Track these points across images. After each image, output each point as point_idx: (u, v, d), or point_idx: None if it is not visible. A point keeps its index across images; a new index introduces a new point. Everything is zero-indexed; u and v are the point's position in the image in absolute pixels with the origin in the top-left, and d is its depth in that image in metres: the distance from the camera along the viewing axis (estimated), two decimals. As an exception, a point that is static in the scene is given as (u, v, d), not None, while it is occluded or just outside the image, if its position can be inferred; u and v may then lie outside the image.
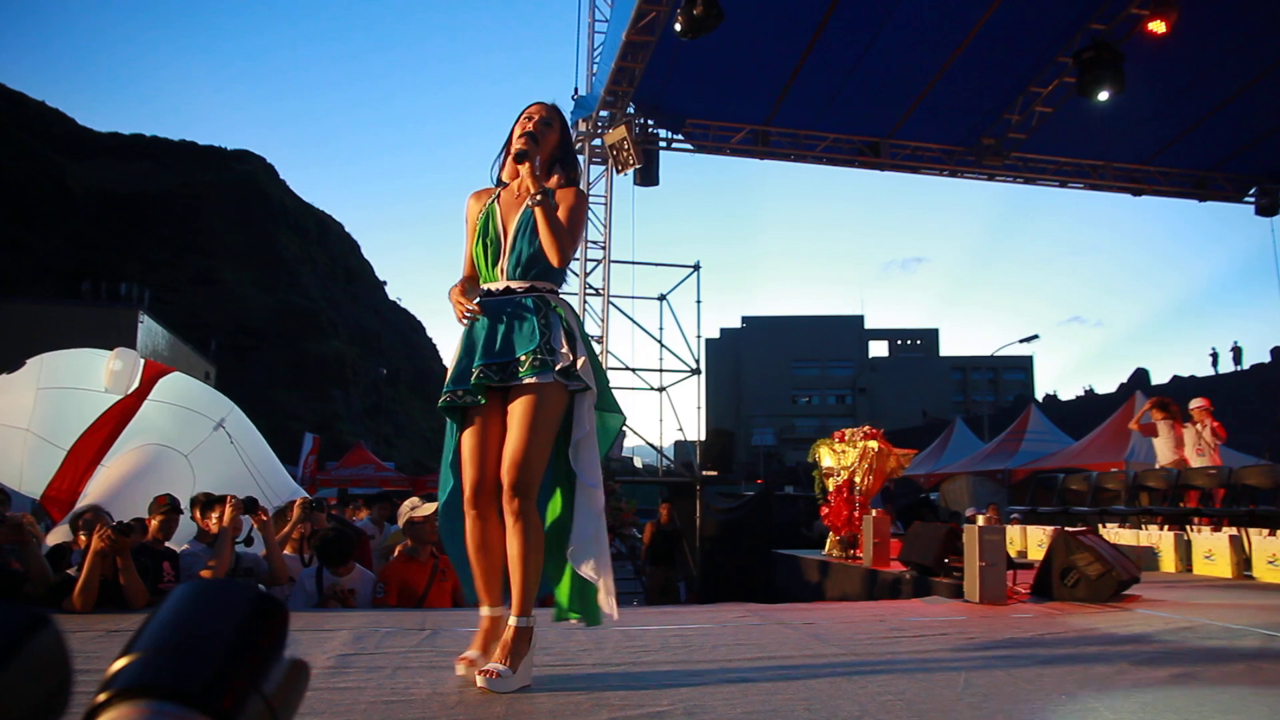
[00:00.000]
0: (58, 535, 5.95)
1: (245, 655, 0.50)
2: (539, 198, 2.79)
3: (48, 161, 64.26)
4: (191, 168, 74.52)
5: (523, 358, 2.70)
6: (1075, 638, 3.90)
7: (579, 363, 2.75)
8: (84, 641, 3.43)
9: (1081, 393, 55.53)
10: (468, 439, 2.79)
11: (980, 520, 5.30)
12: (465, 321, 2.81)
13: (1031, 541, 8.78)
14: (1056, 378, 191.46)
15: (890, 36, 11.47)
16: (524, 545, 2.68)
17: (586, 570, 2.75)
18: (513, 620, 2.71)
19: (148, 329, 33.55)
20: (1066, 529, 5.78)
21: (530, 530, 2.69)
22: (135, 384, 6.89)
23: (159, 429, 6.89)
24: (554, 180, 2.97)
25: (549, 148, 2.97)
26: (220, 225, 68.37)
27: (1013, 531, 8.83)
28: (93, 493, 6.44)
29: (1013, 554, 6.66)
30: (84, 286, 40.82)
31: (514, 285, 2.84)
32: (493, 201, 2.97)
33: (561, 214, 2.85)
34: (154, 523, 5.17)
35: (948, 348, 77.28)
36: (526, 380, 2.69)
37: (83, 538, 4.93)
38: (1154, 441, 9.53)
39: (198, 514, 5.66)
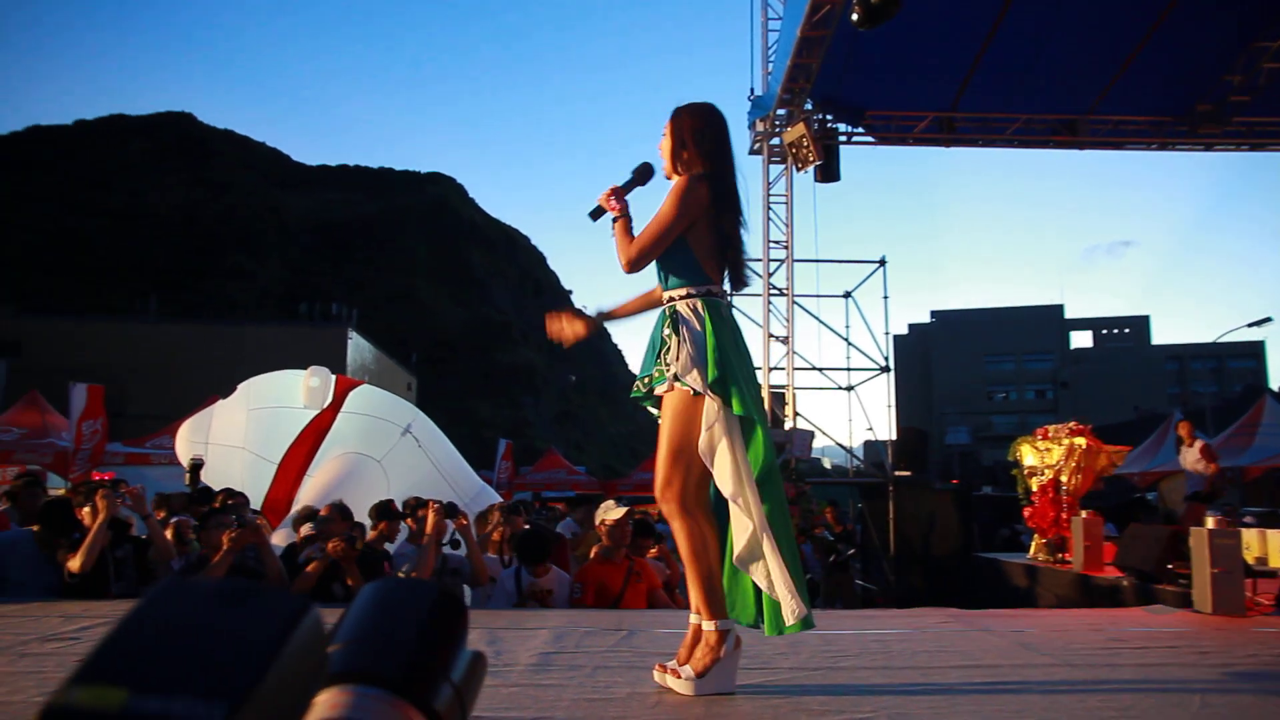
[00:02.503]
0: (279, 538, 6.51)
1: (434, 646, 0.54)
2: (612, 230, 2.89)
3: (269, 196, 70.52)
4: (390, 192, 79.71)
5: (654, 373, 2.79)
6: (1332, 654, 3.49)
7: (679, 365, 2.70)
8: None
9: (1326, 380, 49.88)
10: None
11: (1210, 522, 4.85)
12: None
13: (1273, 547, 7.95)
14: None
15: (1086, 2, 10.72)
16: (684, 546, 2.71)
17: (758, 578, 2.67)
18: (692, 619, 2.73)
19: (356, 345, 36.07)
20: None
21: (685, 532, 2.69)
22: (329, 398, 7.46)
23: (353, 438, 7.46)
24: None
25: (672, 151, 2.94)
26: (416, 245, 72.67)
27: (1249, 535, 8.04)
28: (303, 499, 7.02)
29: (1249, 560, 6.06)
30: (301, 308, 44.36)
31: (664, 297, 2.89)
32: None
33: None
34: (381, 529, 5.61)
35: (1161, 335, 71.52)
36: (658, 390, 2.79)
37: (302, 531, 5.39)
38: None
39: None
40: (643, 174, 2.97)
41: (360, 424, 7.55)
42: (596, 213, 2.93)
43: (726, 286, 2.92)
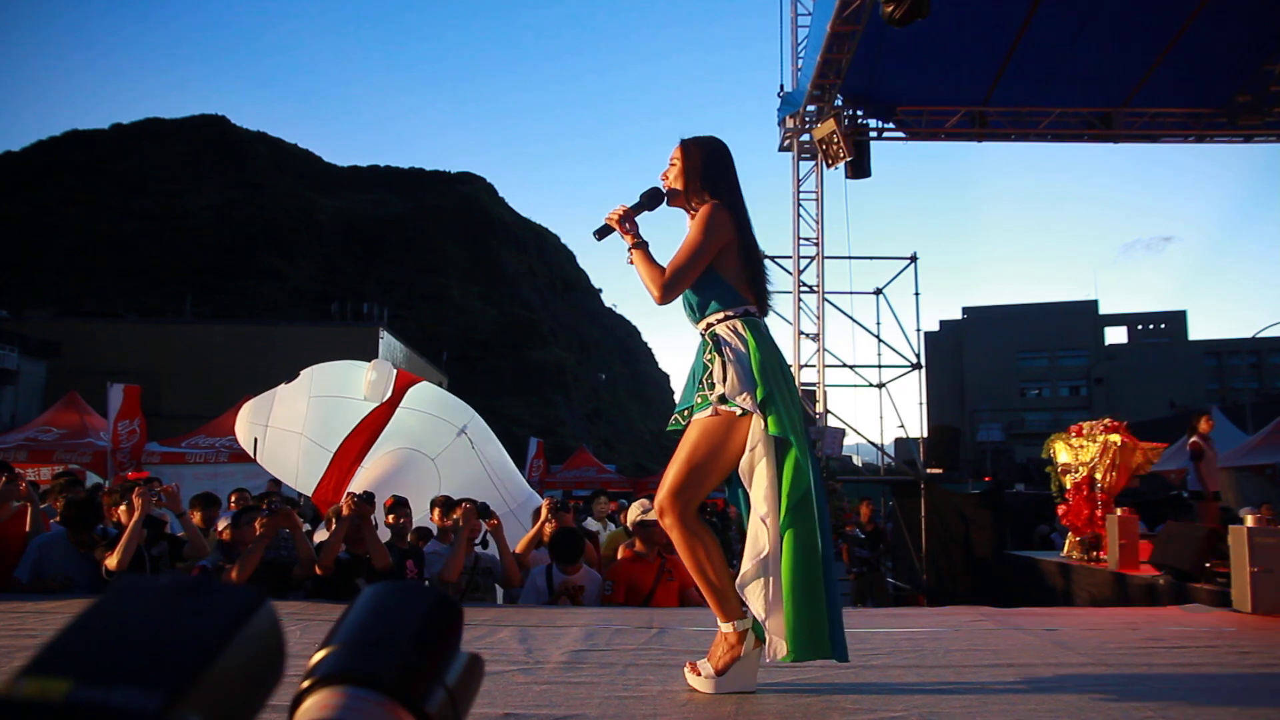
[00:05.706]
0: (322, 534, 6.55)
1: (429, 649, 0.55)
2: (628, 257, 2.87)
3: (301, 198, 71.28)
4: (420, 192, 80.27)
5: (696, 400, 2.78)
6: (1377, 655, 3.41)
7: (726, 387, 2.67)
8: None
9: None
10: None
11: (1250, 520, 4.77)
12: None
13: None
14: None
15: (1121, -6, 10.57)
16: (687, 558, 2.72)
17: (752, 603, 2.60)
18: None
19: (387, 344, 36.29)
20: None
21: (686, 544, 2.70)
22: (389, 393, 7.51)
23: (409, 434, 7.49)
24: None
25: (683, 182, 2.94)
26: (447, 244, 73.10)
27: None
28: (354, 491, 7.06)
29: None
30: (333, 308, 44.75)
31: (699, 327, 2.88)
32: None
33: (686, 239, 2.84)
34: (389, 521, 5.63)
35: (1199, 331, 70.18)
36: (698, 417, 2.76)
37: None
38: None
39: (437, 515, 6.06)
40: (652, 198, 2.96)
41: (417, 420, 7.59)
42: (603, 231, 2.90)
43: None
